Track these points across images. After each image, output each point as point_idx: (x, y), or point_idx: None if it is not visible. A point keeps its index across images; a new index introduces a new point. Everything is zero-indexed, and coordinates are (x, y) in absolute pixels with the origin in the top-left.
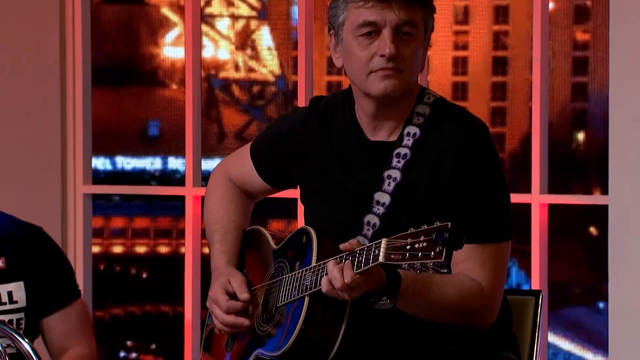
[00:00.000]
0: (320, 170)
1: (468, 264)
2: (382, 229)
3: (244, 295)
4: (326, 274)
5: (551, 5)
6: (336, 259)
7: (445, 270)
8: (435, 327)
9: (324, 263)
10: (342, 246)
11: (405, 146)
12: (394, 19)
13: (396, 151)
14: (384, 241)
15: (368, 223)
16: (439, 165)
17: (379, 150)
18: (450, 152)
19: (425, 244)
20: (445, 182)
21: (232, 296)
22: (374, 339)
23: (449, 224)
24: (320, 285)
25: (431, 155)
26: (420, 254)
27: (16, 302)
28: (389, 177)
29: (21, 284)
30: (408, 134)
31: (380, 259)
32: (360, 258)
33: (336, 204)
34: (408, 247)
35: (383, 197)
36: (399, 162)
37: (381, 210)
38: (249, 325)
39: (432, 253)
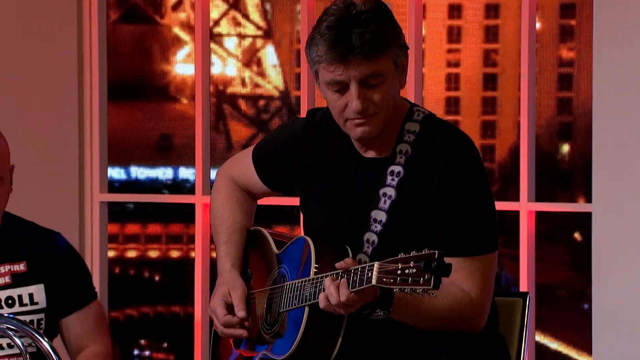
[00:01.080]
0: (317, 180)
1: (458, 275)
2: (380, 246)
3: (241, 312)
4: (323, 290)
5: (538, 25)
6: (332, 275)
7: (434, 294)
8: (426, 333)
9: (322, 277)
10: (337, 265)
11: (398, 164)
12: (357, 75)
13: (390, 169)
14: (376, 265)
15: (367, 240)
16: (429, 182)
17: (372, 167)
18: (439, 169)
19: (414, 270)
20: (435, 198)
21: (231, 308)
22: (370, 344)
23: (437, 252)
24: (318, 298)
25: (422, 172)
26: (410, 279)
27: (37, 303)
28: (384, 194)
29: (41, 286)
30: (400, 152)
31: (373, 281)
32: (355, 278)
33: (333, 215)
34: (399, 272)
35: (380, 215)
36: (392, 179)
37: (378, 227)
38: (247, 336)
39: (421, 280)
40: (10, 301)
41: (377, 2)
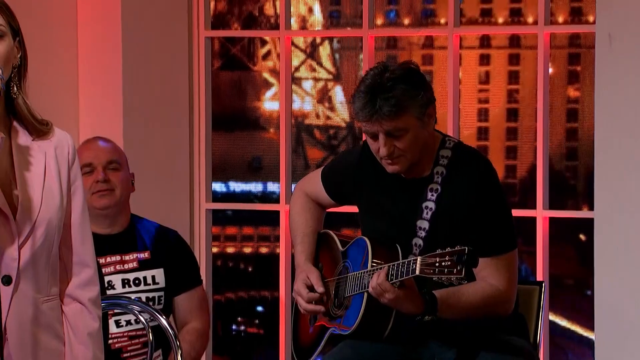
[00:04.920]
0: (370, 197)
1: (487, 272)
2: (425, 248)
3: (320, 288)
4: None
5: (551, 70)
6: (383, 267)
7: (465, 281)
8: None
9: (378, 269)
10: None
11: (436, 182)
12: (383, 130)
13: (429, 186)
14: (419, 259)
15: (415, 244)
16: (460, 196)
17: (414, 186)
18: (468, 187)
19: (449, 263)
20: (466, 210)
21: (311, 288)
22: (416, 325)
23: (466, 248)
24: None
25: (454, 189)
26: (446, 270)
27: (158, 283)
28: (426, 207)
29: (161, 270)
30: (437, 173)
31: (417, 272)
32: (403, 269)
33: (385, 225)
34: (437, 264)
35: (423, 224)
36: (432, 195)
37: (423, 234)
38: (324, 311)
39: (455, 270)
40: (137, 281)
41: (407, 67)
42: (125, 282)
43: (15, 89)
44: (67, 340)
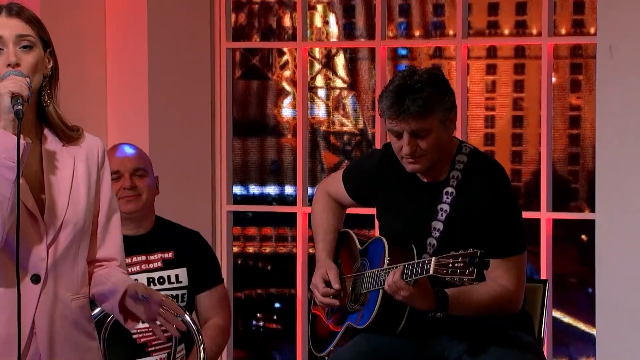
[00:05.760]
0: (389, 198)
1: (498, 272)
2: (438, 248)
3: (336, 285)
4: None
5: (554, 79)
6: (399, 266)
7: (476, 282)
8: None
9: (393, 267)
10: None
11: (452, 186)
12: (408, 128)
13: (445, 189)
14: (433, 259)
15: (429, 244)
16: (475, 200)
17: (431, 189)
18: (481, 192)
19: (462, 264)
20: (479, 212)
21: (328, 283)
22: (428, 321)
23: (479, 251)
24: None
25: (469, 193)
26: (458, 271)
27: (181, 282)
28: (441, 209)
29: (184, 269)
30: (453, 177)
31: (431, 272)
32: (417, 269)
33: (402, 225)
34: (450, 265)
35: (438, 225)
36: (447, 198)
37: (437, 234)
38: (339, 305)
39: (467, 271)
40: (161, 280)
41: (434, 73)
42: (150, 281)
43: (46, 97)
44: (103, 280)
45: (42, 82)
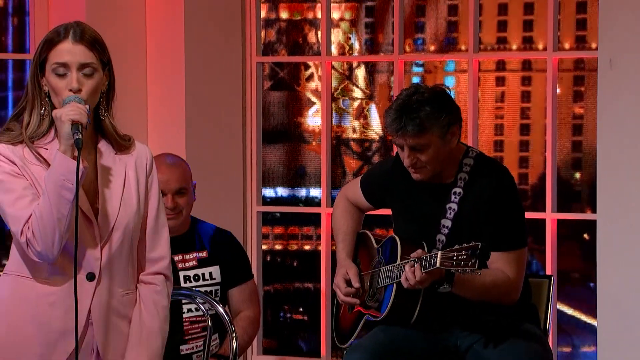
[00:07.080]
0: (401, 201)
1: (500, 264)
2: (447, 244)
3: (356, 284)
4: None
5: (558, 90)
6: (411, 261)
7: (479, 272)
8: (476, 304)
9: (405, 263)
10: (412, 255)
11: (459, 187)
12: (407, 144)
13: (453, 190)
14: (439, 253)
15: (438, 240)
16: (480, 200)
17: (440, 190)
18: (486, 191)
19: (465, 256)
20: (484, 211)
21: (349, 282)
22: (439, 312)
23: (480, 244)
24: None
25: (475, 193)
26: (462, 262)
27: (214, 279)
28: (450, 208)
29: (217, 267)
30: (460, 178)
31: (438, 264)
32: (425, 262)
33: (414, 225)
34: (454, 257)
35: (447, 222)
36: (455, 198)
37: (446, 231)
38: (359, 303)
39: (470, 263)
40: (196, 277)
41: (435, 91)
42: (186, 278)
43: (103, 111)
44: (138, 312)
45: (99, 98)
